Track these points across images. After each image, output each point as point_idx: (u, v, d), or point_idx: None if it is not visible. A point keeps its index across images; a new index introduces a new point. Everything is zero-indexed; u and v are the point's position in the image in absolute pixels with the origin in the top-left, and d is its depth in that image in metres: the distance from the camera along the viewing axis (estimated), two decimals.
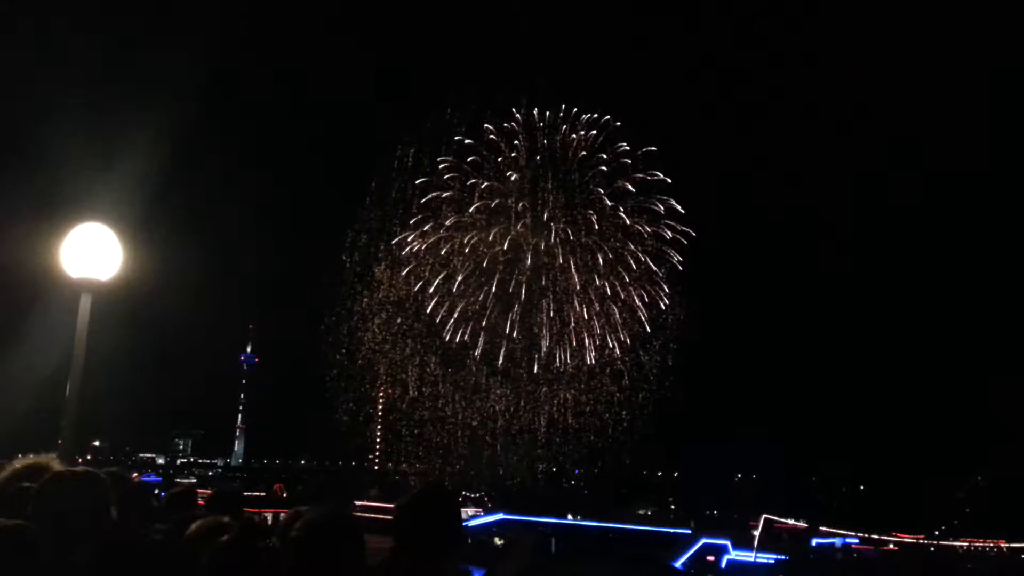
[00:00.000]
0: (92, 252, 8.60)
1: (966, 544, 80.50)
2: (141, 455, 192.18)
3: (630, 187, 79.80)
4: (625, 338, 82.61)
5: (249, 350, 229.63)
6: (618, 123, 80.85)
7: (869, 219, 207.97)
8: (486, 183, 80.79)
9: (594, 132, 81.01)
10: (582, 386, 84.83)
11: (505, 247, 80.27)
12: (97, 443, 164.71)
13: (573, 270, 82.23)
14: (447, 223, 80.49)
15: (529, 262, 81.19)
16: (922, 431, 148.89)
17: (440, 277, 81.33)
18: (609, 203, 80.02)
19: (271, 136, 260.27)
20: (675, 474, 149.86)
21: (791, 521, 75.48)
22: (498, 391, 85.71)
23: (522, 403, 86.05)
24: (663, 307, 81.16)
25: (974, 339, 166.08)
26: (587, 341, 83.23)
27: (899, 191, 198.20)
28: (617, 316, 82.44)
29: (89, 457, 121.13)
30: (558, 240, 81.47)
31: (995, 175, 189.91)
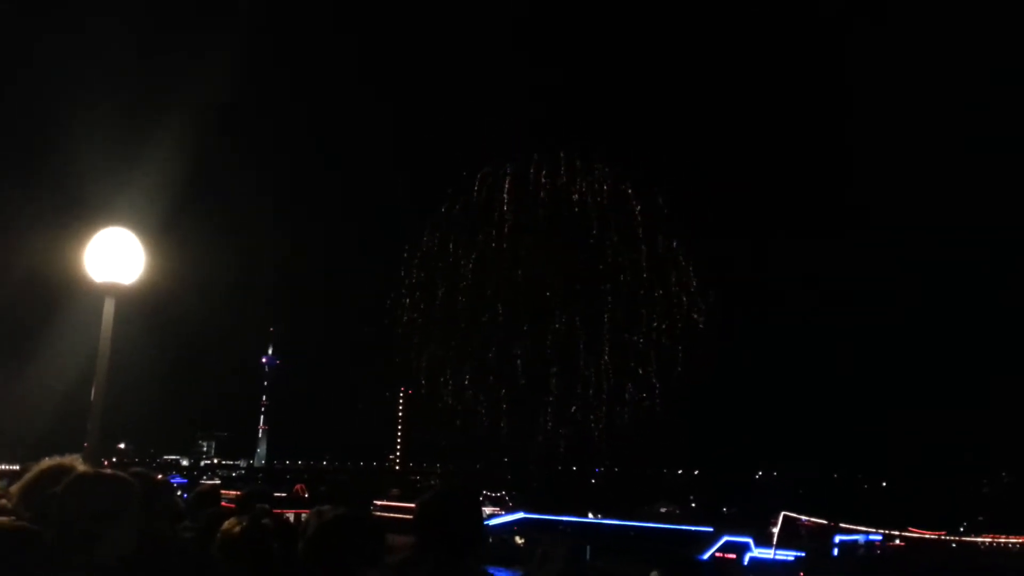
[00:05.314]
0: (115, 256, 8.69)
1: (988, 540, 79.52)
2: (165, 457, 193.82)
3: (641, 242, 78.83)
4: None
5: (271, 352, 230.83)
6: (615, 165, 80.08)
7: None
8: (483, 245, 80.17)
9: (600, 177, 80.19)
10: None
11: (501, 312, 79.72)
12: (122, 445, 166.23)
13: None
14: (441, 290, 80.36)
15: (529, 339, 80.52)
16: (946, 427, 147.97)
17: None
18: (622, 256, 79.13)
19: (294, 141, 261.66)
20: (695, 472, 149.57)
21: (810, 518, 74.87)
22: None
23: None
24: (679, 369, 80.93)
25: (1003, 335, 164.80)
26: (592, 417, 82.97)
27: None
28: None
29: (114, 459, 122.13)
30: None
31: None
